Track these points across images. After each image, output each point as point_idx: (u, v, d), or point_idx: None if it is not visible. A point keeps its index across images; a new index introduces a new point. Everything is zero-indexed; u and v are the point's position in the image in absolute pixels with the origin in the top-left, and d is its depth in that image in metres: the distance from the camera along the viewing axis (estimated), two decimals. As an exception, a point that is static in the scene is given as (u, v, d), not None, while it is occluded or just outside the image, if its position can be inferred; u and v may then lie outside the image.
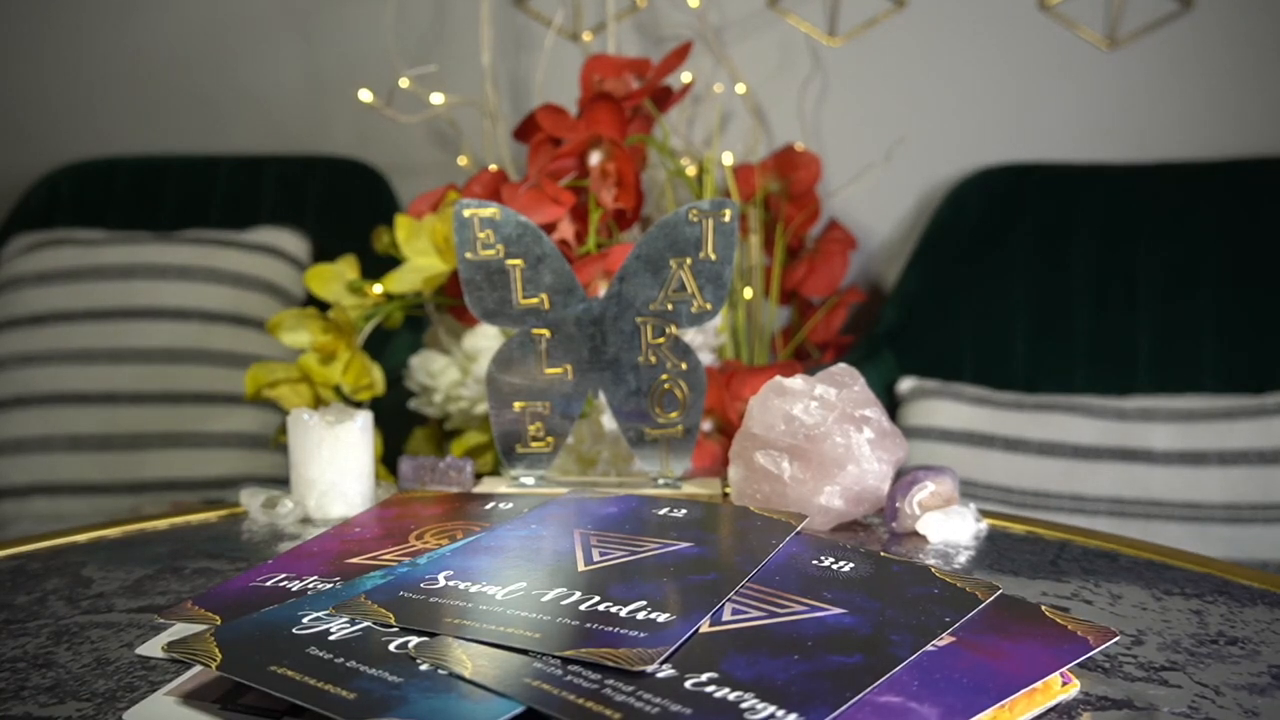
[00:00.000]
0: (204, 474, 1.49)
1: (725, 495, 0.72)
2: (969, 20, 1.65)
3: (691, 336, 1.16)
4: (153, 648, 0.48)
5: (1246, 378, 1.41)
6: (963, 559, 0.61)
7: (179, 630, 0.49)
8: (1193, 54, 1.59)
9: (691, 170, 1.56)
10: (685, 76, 1.57)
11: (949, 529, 0.64)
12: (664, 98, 1.34)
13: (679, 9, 1.68)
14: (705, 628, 0.43)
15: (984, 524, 0.66)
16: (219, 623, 0.46)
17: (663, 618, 0.43)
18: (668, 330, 0.71)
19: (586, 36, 1.69)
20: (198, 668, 0.45)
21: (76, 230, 1.60)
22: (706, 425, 1.02)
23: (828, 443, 0.65)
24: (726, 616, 0.45)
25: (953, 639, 0.44)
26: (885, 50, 1.67)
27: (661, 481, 0.74)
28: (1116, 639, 0.46)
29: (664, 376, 0.72)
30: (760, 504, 0.67)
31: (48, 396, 1.49)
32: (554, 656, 0.40)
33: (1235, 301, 1.45)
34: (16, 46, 1.89)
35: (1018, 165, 1.60)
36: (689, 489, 0.73)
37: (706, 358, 1.35)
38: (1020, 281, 1.53)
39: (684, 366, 0.72)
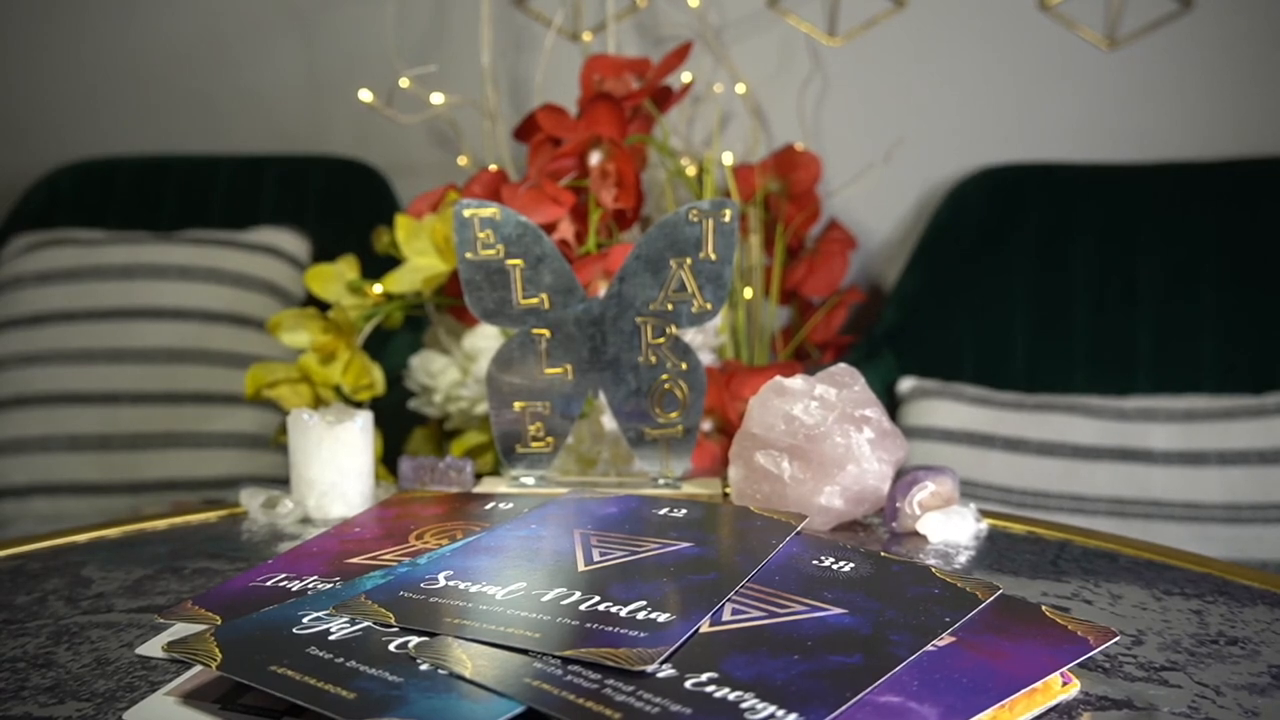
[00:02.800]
0: (204, 474, 1.49)
1: (725, 495, 0.72)
2: (969, 20, 1.65)
3: (691, 336, 1.16)
4: (153, 648, 0.48)
5: (1246, 378, 1.41)
6: (963, 559, 0.61)
7: (179, 630, 0.49)
8: (1193, 54, 1.59)
9: (691, 170, 1.56)
10: (685, 76, 1.57)
11: (949, 529, 0.64)
12: (664, 98, 1.34)
13: (679, 9, 1.68)
14: (705, 627, 0.43)
15: (984, 524, 0.66)
16: (219, 623, 0.46)
17: (663, 618, 0.43)
18: (668, 330, 0.71)
19: (586, 36, 1.69)
20: (198, 668, 0.45)
21: (76, 230, 1.60)
22: (706, 425, 1.02)
23: (828, 443, 0.65)
24: (726, 616, 0.45)
25: (953, 639, 0.44)
26: (885, 50, 1.67)
27: (661, 481, 0.74)
28: (1116, 639, 0.46)
29: (664, 376, 0.72)
30: (760, 504, 0.67)
31: (48, 396, 1.49)
32: (554, 656, 0.40)
33: (1235, 301, 1.45)
34: (16, 46, 1.89)
35: (1018, 165, 1.60)
36: (689, 489, 0.73)
37: (706, 358, 1.35)
38: (1020, 281, 1.53)
39: (684, 366, 0.72)
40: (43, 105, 1.90)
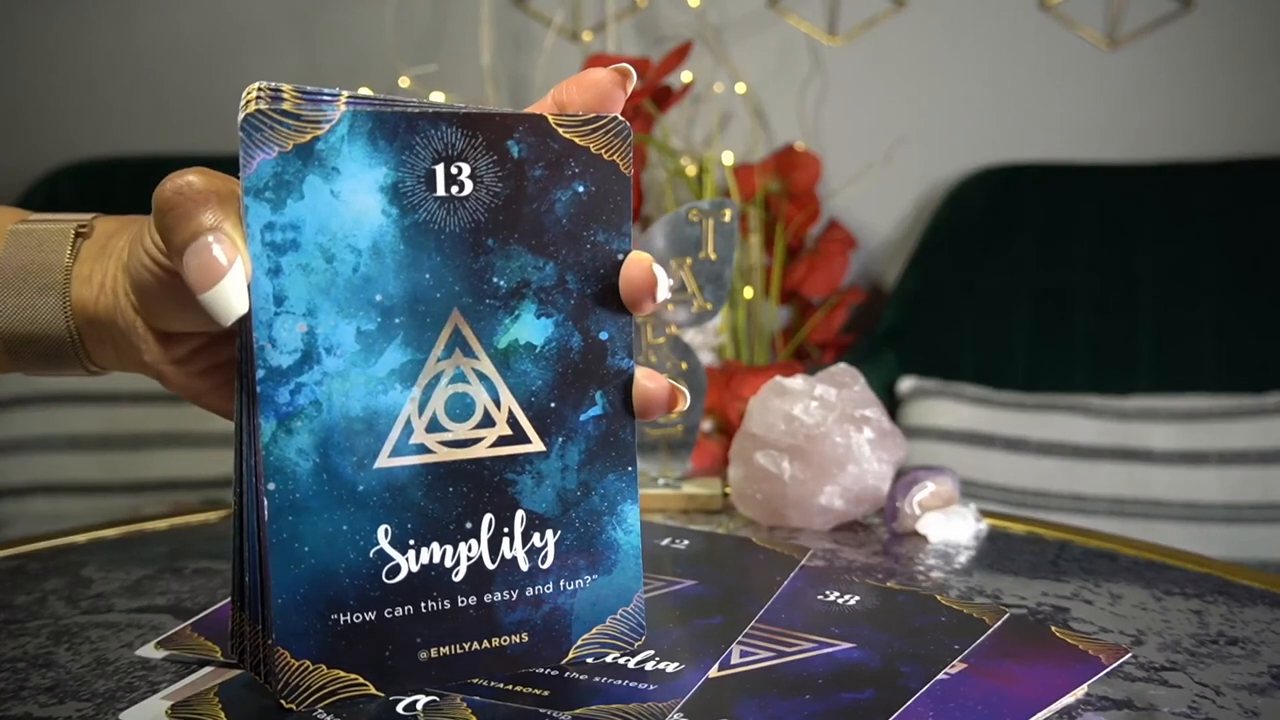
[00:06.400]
0: (204, 474, 1.49)
1: (725, 495, 0.72)
2: (969, 20, 1.65)
3: (691, 336, 1.16)
4: (152, 649, 0.48)
5: (1246, 378, 1.41)
6: (963, 559, 0.61)
7: (176, 638, 0.49)
8: (1192, 54, 1.59)
9: (691, 170, 1.56)
10: (685, 76, 1.58)
11: (949, 529, 0.64)
12: (664, 98, 1.35)
13: (679, 9, 1.68)
14: (714, 672, 0.43)
15: (984, 524, 0.66)
16: (218, 656, 0.46)
17: (671, 667, 0.43)
18: (668, 330, 0.71)
19: (586, 36, 1.69)
20: (197, 671, 0.45)
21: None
22: (706, 425, 1.02)
23: (828, 443, 0.65)
24: (735, 659, 0.44)
25: (964, 665, 0.44)
26: (885, 50, 1.67)
27: (662, 482, 0.74)
28: (1129, 656, 0.46)
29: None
30: (760, 504, 0.67)
31: (48, 396, 1.49)
32: (565, 714, 0.40)
33: (1235, 301, 1.45)
34: (18, 45, 1.89)
35: (1018, 165, 1.60)
36: (689, 489, 0.73)
37: (706, 358, 1.35)
38: (1020, 281, 1.53)
39: (684, 366, 0.72)
40: (43, 104, 1.90)
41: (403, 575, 0.40)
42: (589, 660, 0.44)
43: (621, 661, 0.44)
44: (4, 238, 0.45)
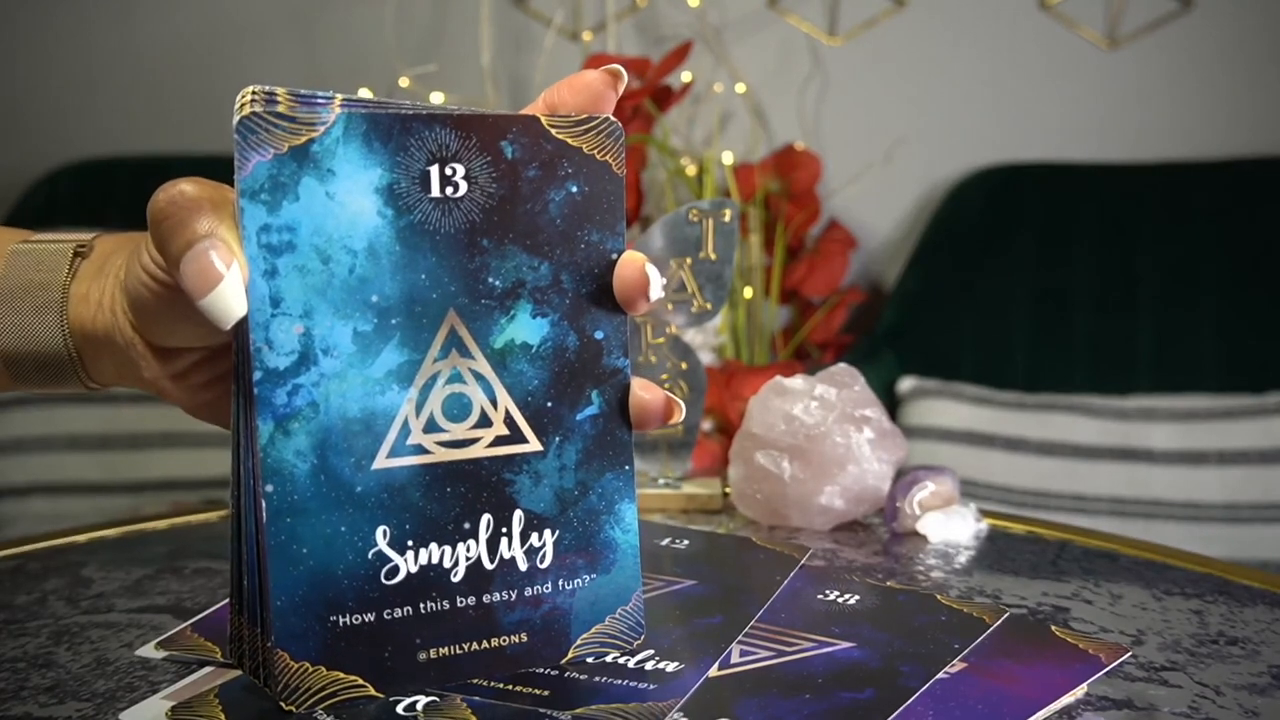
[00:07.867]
0: (204, 474, 1.49)
1: (725, 495, 0.72)
2: (969, 20, 1.65)
3: (691, 336, 1.16)
4: (152, 649, 0.48)
5: (1246, 378, 1.41)
6: (963, 559, 0.61)
7: (176, 639, 0.49)
8: (1192, 54, 1.59)
9: (691, 170, 1.56)
10: (685, 76, 1.58)
11: (949, 529, 0.64)
12: (664, 97, 1.35)
13: (679, 9, 1.68)
14: (714, 672, 0.43)
15: (984, 524, 0.66)
16: (218, 656, 0.46)
17: (671, 667, 0.43)
18: (668, 330, 0.71)
19: (586, 36, 1.69)
20: (197, 671, 0.45)
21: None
22: (706, 425, 1.02)
23: (828, 443, 0.65)
24: (735, 659, 0.44)
25: (964, 665, 0.44)
26: (885, 50, 1.67)
27: (662, 482, 0.74)
28: (1129, 655, 0.46)
29: (664, 376, 0.72)
30: (760, 504, 0.67)
31: (48, 397, 1.49)
32: (565, 714, 0.40)
33: (1235, 301, 1.45)
34: (18, 45, 1.89)
35: (1018, 165, 1.60)
36: (689, 489, 0.73)
37: (706, 358, 1.35)
38: (1020, 281, 1.53)
39: (684, 366, 0.72)
40: (43, 105, 1.90)
41: (401, 576, 0.40)
42: (588, 660, 0.44)
43: (621, 661, 0.44)
44: (4, 257, 0.45)
